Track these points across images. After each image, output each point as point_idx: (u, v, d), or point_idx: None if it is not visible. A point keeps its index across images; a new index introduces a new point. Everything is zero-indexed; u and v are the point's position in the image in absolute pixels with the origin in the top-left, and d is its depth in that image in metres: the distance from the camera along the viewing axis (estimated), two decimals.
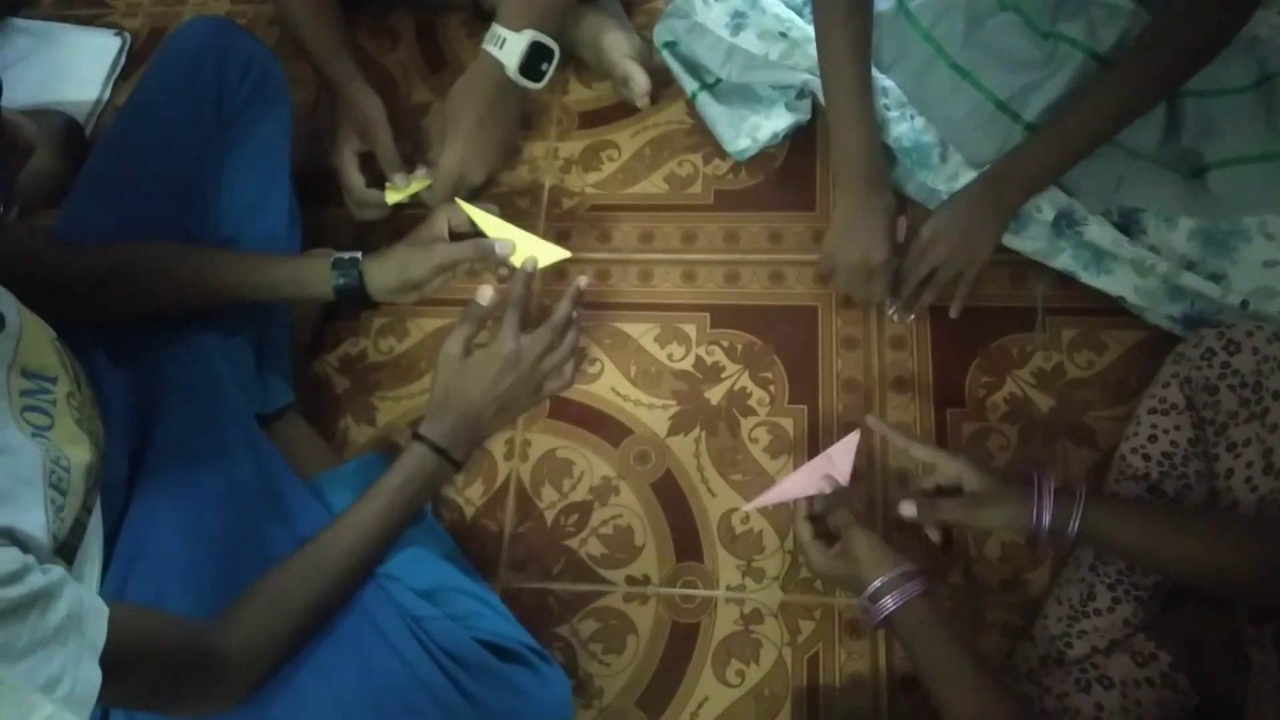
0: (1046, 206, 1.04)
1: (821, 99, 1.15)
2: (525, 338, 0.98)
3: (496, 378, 0.97)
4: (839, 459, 1.00)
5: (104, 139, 1.10)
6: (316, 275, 1.02)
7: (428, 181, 1.17)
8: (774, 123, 1.22)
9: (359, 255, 1.02)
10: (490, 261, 1.06)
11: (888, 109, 1.10)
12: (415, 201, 1.19)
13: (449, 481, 0.97)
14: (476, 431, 0.98)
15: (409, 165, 1.19)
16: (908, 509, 0.94)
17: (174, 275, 1.00)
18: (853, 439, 1.00)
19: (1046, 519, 0.88)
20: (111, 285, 0.98)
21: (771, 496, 1.03)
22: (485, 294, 1.00)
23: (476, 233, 1.07)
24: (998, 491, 0.92)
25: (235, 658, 0.79)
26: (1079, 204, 1.05)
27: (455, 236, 1.05)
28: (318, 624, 0.86)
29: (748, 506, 1.06)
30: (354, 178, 1.19)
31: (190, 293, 1.01)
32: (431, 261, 1.02)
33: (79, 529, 0.77)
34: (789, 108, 1.22)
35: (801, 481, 1.01)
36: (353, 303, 1.04)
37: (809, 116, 1.23)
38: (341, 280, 1.01)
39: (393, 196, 1.18)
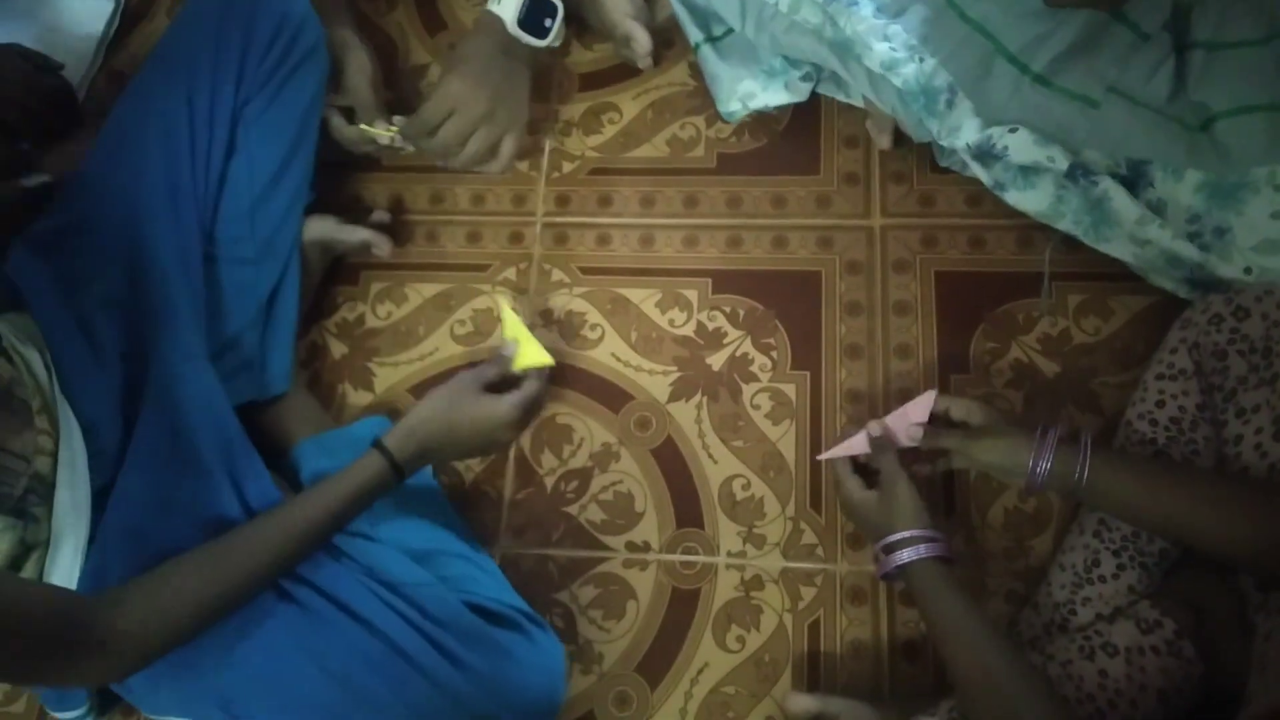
0: (1060, 156, 1.02)
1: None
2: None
3: (490, 432, 0.96)
4: (915, 416, 0.98)
5: (127, 89, 1.07)
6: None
7: (395, 130, 1.14)
8: (768, 95, 1.19)
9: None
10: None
11: (894, 51, 1.07)
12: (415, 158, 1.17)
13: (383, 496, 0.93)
14: (432, 458, 0.97)
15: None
16: (876, 429, 0.96)
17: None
18: (929, 397, 0.98)
19: (1044, 465, 0.87)
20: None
21: (843, 449, 1.00)
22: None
23: None
24: (1000, 428, 0.93)
25: (119, 636, 0.76)
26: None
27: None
28: (223, 613, 0.83)
29: (823, 456, 1.02)
30: (333, 119, 1.17)
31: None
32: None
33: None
34: (788, 86, 1.19)
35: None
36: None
37: (804, 100, 1.20)
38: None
39: (366, 133, 1.16)
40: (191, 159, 1.03)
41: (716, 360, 1.14)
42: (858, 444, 0.99)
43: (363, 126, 1.16)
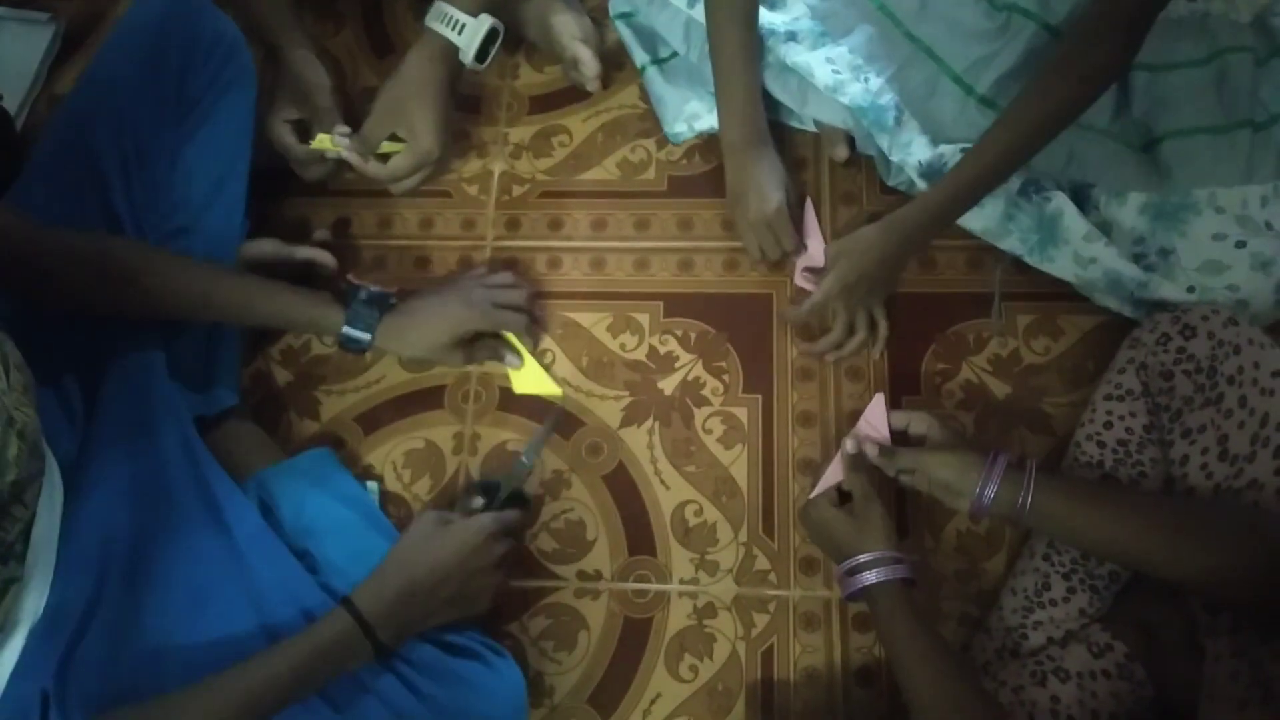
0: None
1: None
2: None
3: (469, 556, 0.90)
4: (877, 422, 0.99)
5: (56, 113, 1.05)
6: (325, 321, 1.03)
7: (339, 148, 1.15)
8: (714, 117, 1.17)
9: (366, 339, 1.03)
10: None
11: (838, 73, 1.07)
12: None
13: (358, 665, 0.85)
14: (414, 613, 0.87)
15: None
16: (851, 445, 0.97)
17: (156, 281, 0.95)
18: (879, 402, 1.00)
19: (990, 490, 0.87)
20: (83, 277, 0.92)
21: (828, 480, 0.99)
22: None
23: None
24: (955, 446, 0.92)
25: None
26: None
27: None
28: None
29: (814, 494, 0.99)
30: (288, 139, 1.17)
31: (171, 304, 0.96)
32: (454, 358, 1.08)
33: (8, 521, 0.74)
34: None
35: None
36: (349, 350, 1.06)
37: None
38: (353, 334, 1.02)
39: (318, 144, 1.16)
40: (126, 181, 1.02)
41: (668, 384, 1.13)
42: (837, 471, 0.99)
43: (313, 144, 1.15)
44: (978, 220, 1.07)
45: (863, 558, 0.90)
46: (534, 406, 1.14)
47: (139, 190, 1.03)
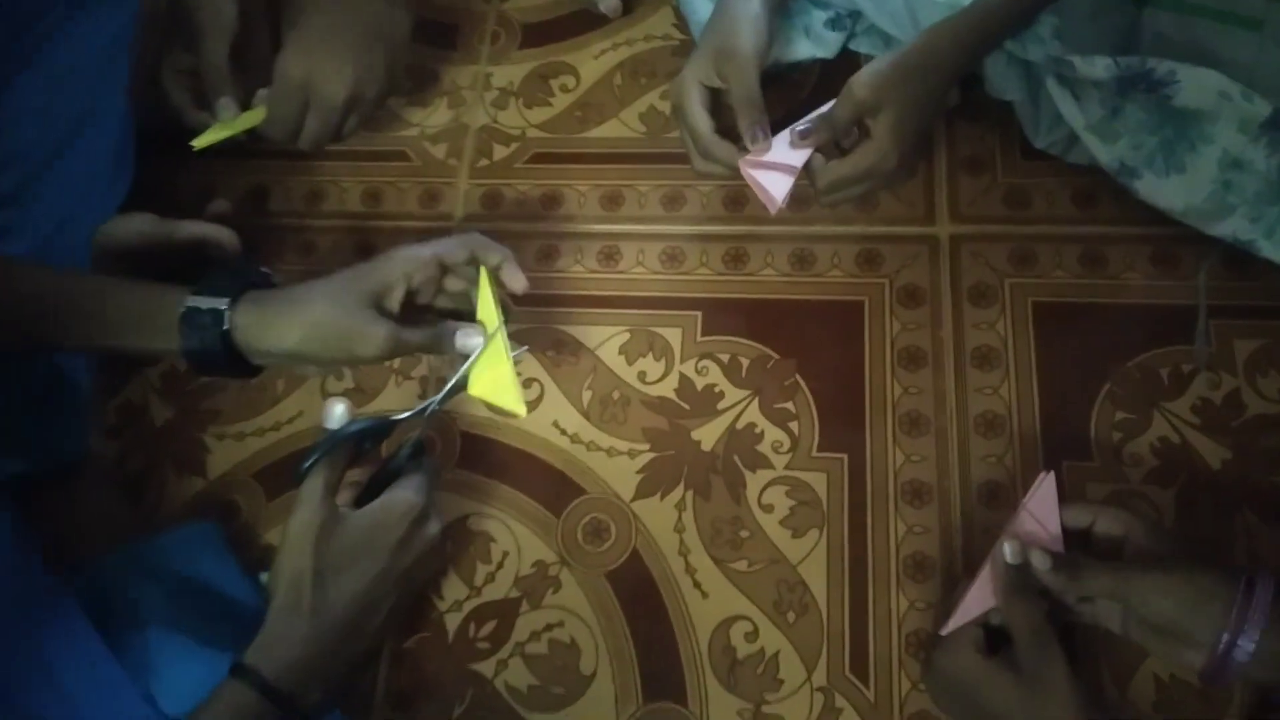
0: (1258, 97, 0.75)
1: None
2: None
3: (399, 556, 0.71)
4: (1044, 516, 0.73)
5: None
6: (165, 304, 0.70)
7: (263, 114, 0.88)
8: (780, 49, 0.94)
9: (222, 306, 0.67)
10: (444, 354, 0.77)
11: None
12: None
13: None
14: (351, 647, 0.70)
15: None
16: (1011, 551, 0.69)
17: None
18: (1049, 483, 0.73)
19: (1248, 641, 0.59)
20: None
21: (972, 606, 0.71)
22: (336, 414, 0.72)
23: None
24: (1178, 562, 0.65)
25: None
26: None
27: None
28: None
29: (947, 629, 0.71)
30: (177, 96, 0.94)
31: None
32: (371, 348, 0.69)
33: None
34: (809, 34, 0.94)
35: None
36: (219, 370, 0.71)
37: (832, 56, 0.95)
38: (195, 342, 0.68)
39: (204, 140, 0.88)
40: None
41: (707, 435, 0.84)
42: (984, 594, 0.70)
43: (196, 143, 0.90)
44: (1178, 195, 0.80)
45: None
46: (510, 466, 0.84)
47: None
